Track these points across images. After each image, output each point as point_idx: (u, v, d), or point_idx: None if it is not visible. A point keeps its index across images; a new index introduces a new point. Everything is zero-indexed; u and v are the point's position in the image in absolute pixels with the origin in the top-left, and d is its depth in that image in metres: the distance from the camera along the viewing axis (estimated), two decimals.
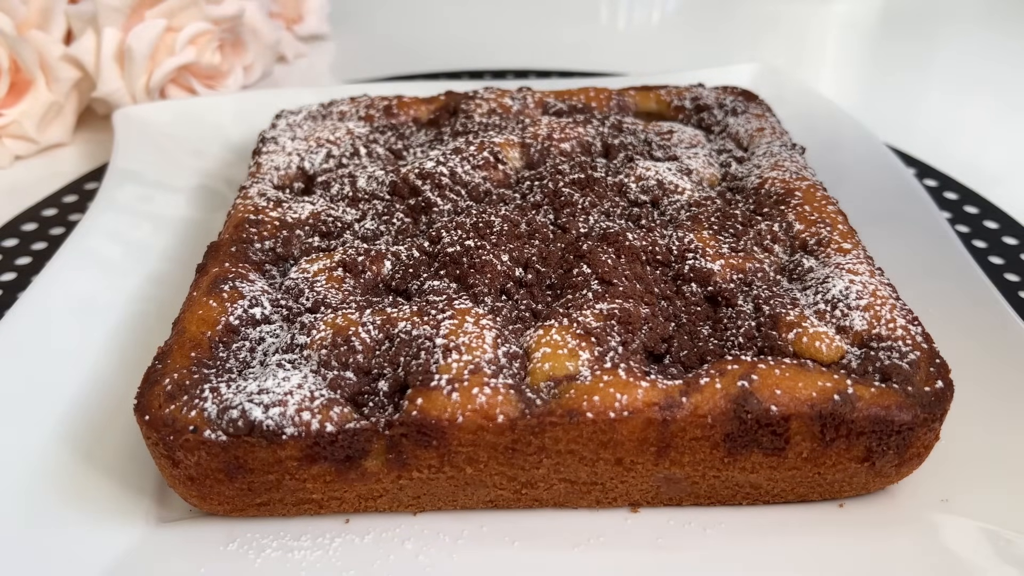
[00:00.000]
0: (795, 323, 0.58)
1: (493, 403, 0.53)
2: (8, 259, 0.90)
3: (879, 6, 1.78)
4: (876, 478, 0.58)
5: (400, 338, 0.57)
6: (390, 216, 0.73)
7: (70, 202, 1.01)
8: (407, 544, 0.57)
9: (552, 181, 0.75)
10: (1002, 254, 0.90)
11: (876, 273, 0.64)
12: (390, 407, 0.55)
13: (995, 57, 1.50)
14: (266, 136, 0.89)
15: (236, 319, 0.61)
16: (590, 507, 0.60)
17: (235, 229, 0.71)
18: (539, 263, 0.66)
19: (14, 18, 1.06)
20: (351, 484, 0.57)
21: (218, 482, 0.55)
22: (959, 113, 1.28)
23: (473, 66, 1.39)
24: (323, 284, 0.64)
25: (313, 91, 1.09)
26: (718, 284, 0.63)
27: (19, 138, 1.11)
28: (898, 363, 0.56)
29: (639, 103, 0.95)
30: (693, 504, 0.60)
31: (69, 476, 0.61)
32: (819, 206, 0.72)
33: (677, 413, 0.54)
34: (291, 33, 1.49)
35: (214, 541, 0.57)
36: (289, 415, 0.53)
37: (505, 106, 0.92)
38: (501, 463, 0.56)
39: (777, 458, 0.56)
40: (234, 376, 0.57)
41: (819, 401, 0.54)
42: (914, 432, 0.55)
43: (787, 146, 0.83)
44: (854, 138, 1.00)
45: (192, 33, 1.14)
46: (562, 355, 0.56)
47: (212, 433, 0.53)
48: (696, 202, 0.73)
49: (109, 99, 1.13)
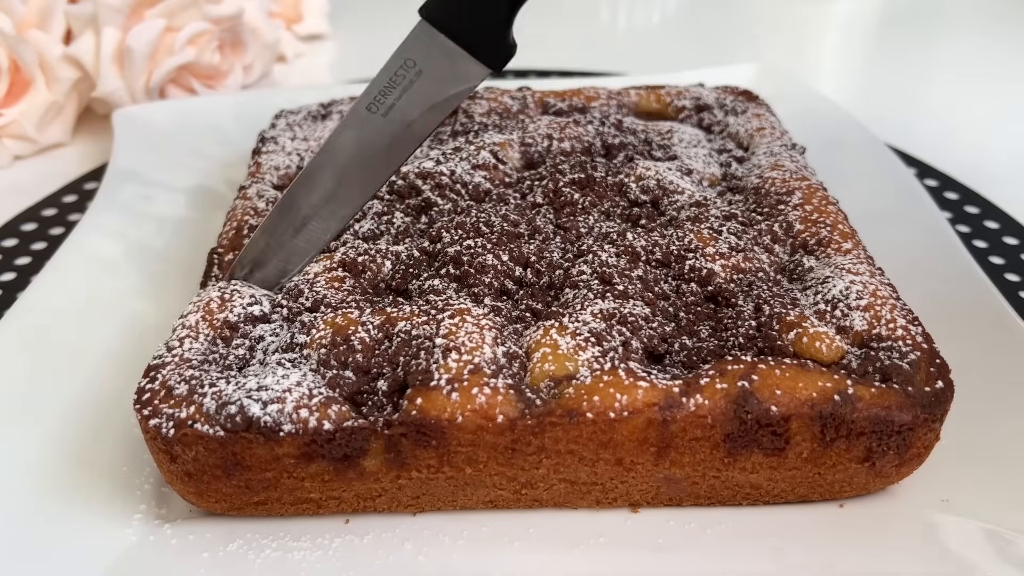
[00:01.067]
0: (795, 323, 0.58)
1: (493, 403, 0.53)
2: (8, 259, 0.90)
3: (879, 6, 1.78)
4: (876, 478, 0.58)
5: (400, 337, 0.57)
6: (390, 216, 0.73)
7: (70, 202, 1.01)
8: (406, 544, 0.57)
9: (552, 181, 0.75)
10: (1002, 254, 0.89)
11: (876, 273, 0.64)
12: (389, 406, 0.55)
13: (995, 57, 1.50)
14: (266, 136, 0.89)
15: (236, 316, 0.61)
16: (590, 507, 0.60)
17: (235, 235, 0.71)
18: (539, 263, 0.66)
19: (14, 18, 1.06)
20: (349, 483, 0.57)
21: (215, 479, 0.55)
22: (959, 113, 1.28)
23: None
24: (323, 284, 0.64)
25: (313, 91, 1.09)
26: (718, 284, 0.63)
27: (19, 138, 1.11)
28: (898, 363, 0.56)
29: (639, 103, 0.95)
30: (693, 504, 0.60)
31: (69, 476, 0.61)
32: (819, 206, 0.72)
33: (677, 413, 0.54)
34: (291, 33, 1.49)
35: (214, 541, 0.57)
36: (287, 412, 0.53)
37: (505, 106, 0.92)
38: (501, 463, 0.56)
39: (777, 458, 0.56)
40: (234, 373, 0.57)
41: (819, 401, 0.54)
42: (914, 432, 0.55)
43: (787, 146, 0.83)
44: (854, 138, 1.00)
45: (192, 33, 1.14)
46: (562, 355, 0.56)
47: (210, 428, 0.53)
48: (696, 202, 0.73)
49: (109, 99, 1.13)
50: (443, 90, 0.62)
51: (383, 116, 0.62)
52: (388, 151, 0.63)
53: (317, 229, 0.65)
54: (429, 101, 0.62)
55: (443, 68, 0.61)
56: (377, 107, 0.62)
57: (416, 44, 0.61)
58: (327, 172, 0.64)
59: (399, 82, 0.61)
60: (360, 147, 0.63)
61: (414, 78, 0.61)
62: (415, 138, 0.63)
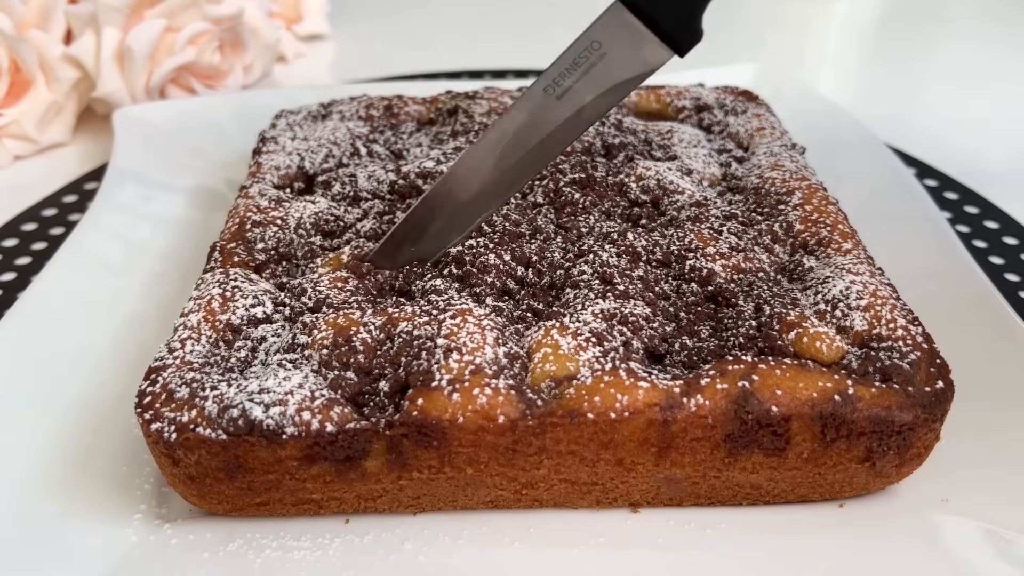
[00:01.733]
0: (796, 323, 0.58)
1: (494, 403, 0.53)
2: (8, 259, 0.90)
3: (879, 6, 1.78)
4: (876, 478, 0.58)
5: (401, 338, 0.57)
6: (392, 216, 0.73)
7: (70, 202, 1.01)
8: (407, 544, 0.57)
9: (553, 180, 0.75)
10: (1002, 254, 0.90)
11: (876, 273, 0.64)
12: (391, 407, 0.55)
13: (995, 57, 1.50)
14: (266, 136, 0.89)
15: (238, 318, 0.61)
16: (590, 507, 0.60)
17: (238, 229, 0.71)
18: (540, 263, 0.66)
19: (14, 18, 1.05)
20: (351, 484, 0.57)
21: (218, 481, 0.55)
22: (959, 113, 1.28)
23: (473, 66, 1.39)
24: (325, 284, 0.64)
25: (313, 91, 1.09)
26: (719, 284, 0.63)
27: (19, 138, 1.11)
28: (899, 363, 0.56)
29: (639, 103, 0.95)
30: (693, 504, 0.60)
31: (69, 476, 0.61)
32: (819, 206, 0.72)
33: (678, 414, 0.54)
34: (291, 33, 1.49)
35: (214, 541, 0.57)
36: (289, 415, 0.53)
37: (505, 106, 0.92)
38: (502, 464, 0.56)
39: (778, 458, 0.56)
40: (235, 375, 0.57)
41: (820, 401, 0.54)
42: (915, 432, 0.55)
43: (787, 146, 0.83)
44: (854, 138, 1.00)
45: (192, 33, 1.14)
46: (563, 355, 0.56)
47: (212, 432, 0.53)
48: (697, 202, 0.73)
49: (109, 99, 1.13)
50: (622, 73, 0.62)
51: (557, 98, 0.62)
52: (556, 134, 0.63)
53: (472, 208, 0.65)
54: (606, 84, 0.62)
55: (628, 51, 0.61)
56: (554, 88, 0.62)
57: (605, 26, 0.61)
58: (489, 153, 0.64)
59: (580, 64, 0.62)
60: (528, 128, 0.63)
61: (596, 60, 0.61)
62: (584, 122, 0.64)
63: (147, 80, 1.14)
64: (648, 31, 0.61)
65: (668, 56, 0.62)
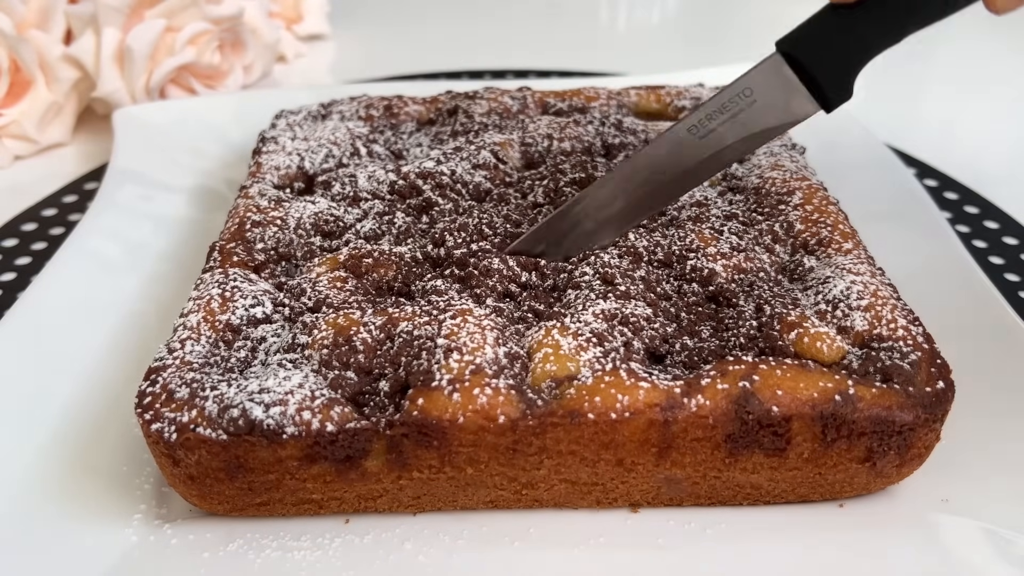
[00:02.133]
0: (796, 323, 0.58)
1: (494, 403, 0.53)
2: (8, 259, 0.90)
3: None
4: (877, 478, 0.58)
5: (402, 338, 0.57)
6: (391, 216, 0.73)
7: (70, 202, 1.01)
8: (407, 544, 0.57)
9: (553, 180, 0.75)
10: (1002, 254, 0.90)
11: (877, 273, 0.64)
12: (391, 407, 0.55)
13: (995, 57, 1.50)
14: (266, 136, 0.89)
15: (238, 318, 0.61)
16: (590, 507, 0.60)
17: (237, 229, 0.71)
18: (544, 266, 0.66)
19: (14, 18, 1.05)
20: (351, 484, 0.57)
21: (218, 481, 0.55)
22: (959, 113, 1.28)
23: (473, 66, 1.39)
24: (325, 284, 0.64)
25: (313, 91, 1.09)
26: (720, 284, 0.63)
27: (19, 138, 1.10)
28: (899, 363, 0.56)
29: (639, 103, 0.95)
30: (693, 504, 0.60)
31: (69, 476, 0.61)
32: (820, 206, 0.72)
33: (678, 414, 0.54)
34: (291, 33, 1.49)
35: (214, 541, 0.57)
36: (290, 414, 0.53)
37: (505, 106, 0.92)
38: (502, 464, 0.56)
39: (778, 459, 0.56)
40: (235, 375, 0.57)
41: (820, 402, 0.54)
42: (915, 432, 0.55)
43: (787, 146, 0.83)
44: (854, 138, 1.00)
45: (192, 33, 1.14)
46: (563, 355, 0.56)
47: (213, 432, 0.53)
48: (697, 202, 0.73)
49: (109, 99, 1.13)
50: (768, 121, 0.63)
51: (699, 138, 0.63)
52: (689, 170, 0.65)
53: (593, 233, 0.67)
54: (750, 130, 0.63)
55: (777, 101, 0.62)
56: (698, 129, 0.63)
57: (761, 75, 0.62)
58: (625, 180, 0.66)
59: (729, 108, 0.63)
60: (666, 164, 0.65)
61: (745, 107, 0.62)
62: (722, 163, 0.65)
63: (147, 80, 1.14)
64: (802, 85, 0.62)
65: (815, 110, 0.63)
